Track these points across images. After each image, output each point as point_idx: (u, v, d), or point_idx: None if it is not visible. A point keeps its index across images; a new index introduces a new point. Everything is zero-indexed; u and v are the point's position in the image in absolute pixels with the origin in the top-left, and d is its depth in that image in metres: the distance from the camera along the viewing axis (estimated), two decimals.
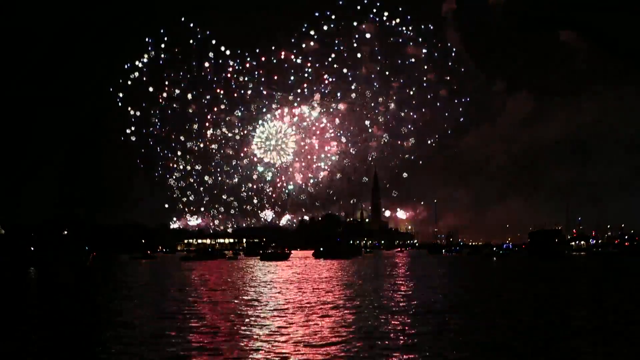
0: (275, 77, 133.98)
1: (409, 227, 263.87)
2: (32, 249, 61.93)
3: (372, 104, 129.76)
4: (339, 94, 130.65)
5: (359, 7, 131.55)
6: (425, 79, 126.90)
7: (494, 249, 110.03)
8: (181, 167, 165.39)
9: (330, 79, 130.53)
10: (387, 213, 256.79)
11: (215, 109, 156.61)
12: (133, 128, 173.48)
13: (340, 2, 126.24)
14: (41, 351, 13.32)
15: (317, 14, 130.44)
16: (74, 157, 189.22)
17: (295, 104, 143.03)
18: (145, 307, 21.79)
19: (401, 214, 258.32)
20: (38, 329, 16.87)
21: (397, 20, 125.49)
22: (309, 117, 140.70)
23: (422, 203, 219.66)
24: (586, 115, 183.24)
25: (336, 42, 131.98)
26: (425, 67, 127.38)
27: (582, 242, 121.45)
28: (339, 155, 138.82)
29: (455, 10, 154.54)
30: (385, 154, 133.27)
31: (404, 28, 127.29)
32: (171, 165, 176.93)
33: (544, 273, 44.22)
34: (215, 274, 45.52)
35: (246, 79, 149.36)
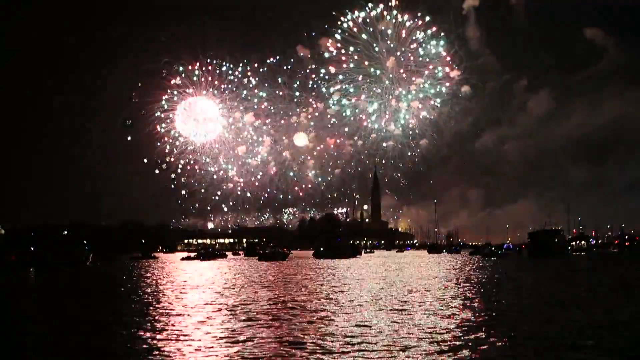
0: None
1: (406, 226, 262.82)
2: (32, 249, 62.00)
3: (392, 102, 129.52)
4: (352, 91, 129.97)
5: (378, 4, 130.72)
6: (445, 76, 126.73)
7: (493, 249, 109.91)
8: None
9: (347, 76, 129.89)
10: (391, 213, 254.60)
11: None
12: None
13: None
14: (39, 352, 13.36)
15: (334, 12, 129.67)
16: (74, 157, 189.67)
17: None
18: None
19: (404, 214, 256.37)
20: (37, 328, 16.88)
21: (418, 16, 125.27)
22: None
23: (412, 203, 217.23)
24: (607, 115, 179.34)
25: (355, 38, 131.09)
26: (446, 64, 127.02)
27: (582, 242, 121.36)
28: (350, 154, 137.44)
29: (476, 6, 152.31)
30: (397, 154, 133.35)
31: (423, 25, 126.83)
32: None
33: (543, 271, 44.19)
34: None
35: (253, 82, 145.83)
